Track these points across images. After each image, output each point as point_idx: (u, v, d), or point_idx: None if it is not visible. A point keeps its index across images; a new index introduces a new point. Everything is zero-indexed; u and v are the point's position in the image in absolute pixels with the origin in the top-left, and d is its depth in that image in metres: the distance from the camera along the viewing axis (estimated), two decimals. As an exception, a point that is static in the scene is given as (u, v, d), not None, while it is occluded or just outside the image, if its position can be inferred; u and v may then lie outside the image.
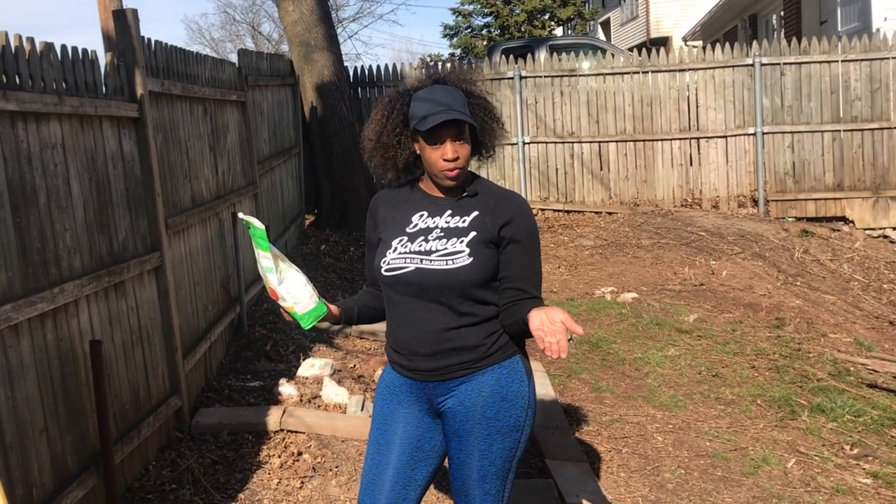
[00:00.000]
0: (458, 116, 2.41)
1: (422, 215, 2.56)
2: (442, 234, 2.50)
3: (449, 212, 2.54)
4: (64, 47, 3.70)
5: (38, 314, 3.24)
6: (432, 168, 2.49)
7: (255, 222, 2.46)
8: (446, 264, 2.45)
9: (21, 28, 3.50)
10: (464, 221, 2.51)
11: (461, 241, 2.47)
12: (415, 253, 2.49)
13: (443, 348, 2.49)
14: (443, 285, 2.45)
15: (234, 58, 7.73)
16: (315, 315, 2.50)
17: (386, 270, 2.52)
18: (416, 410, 2.60)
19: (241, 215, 2.60)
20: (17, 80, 3.27)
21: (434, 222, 2.53)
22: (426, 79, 2.58)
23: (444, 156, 2.45)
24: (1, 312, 2.97)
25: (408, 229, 2.55)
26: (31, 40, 3.40)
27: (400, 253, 2.51)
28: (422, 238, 2.51)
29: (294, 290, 2.48)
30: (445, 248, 2.47)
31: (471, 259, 2.45)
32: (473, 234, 2.48)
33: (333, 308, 2.63)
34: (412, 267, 2.48)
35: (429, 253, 2.47)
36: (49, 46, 3.55)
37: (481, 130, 2.55)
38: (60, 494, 3.31)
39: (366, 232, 2.74)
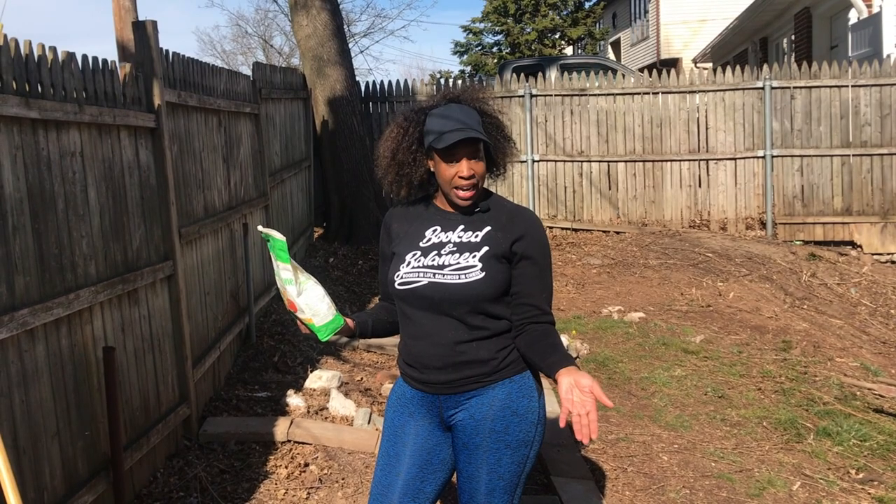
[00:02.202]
0: (474, 134, 2.45)
1: (435, 230, 2.59)
2: (455, 248, 2.53)
3: (461, 227, 2.57)
4: (84, 57, 3.75)
5: (53, 319, 3.27)
6: (447, 185, 2.53)
7: (276, 235, 2.50)
8: (458, 278, 2.48)
9: (32, 35, 3.56)
10: (476, 236, 2.54)
11: (473, 256, 2.50)
12: (428, 267, 2.52)
13: (454, 361, 2.52)
14: (455, 299, 2.48)
15: (246, 70, 7.80)
16: (332, 327, 2.53)
17: (399, 284, 2.55)
18: (427, 423, 2.62)
19: (260, 228, 2.62)
20: (39, 88, 3.32)
21: (447, 237, 2.56)
22: (440, 97, 2.62)
23: (459, 173, 2.48)
24: (18, 317, 3.01)
25: (421, 244, 2.58)
26: (53, 49, 3.45)
27: (413, 267, 2.54)
28: (435, 252, 2.54)
29: (312, 302, 2.51)
30: (458, 263, 2.50)
31: (483, 274, 2.48)
32: (486, 248, 2.51)
33: (349, 321, 2.65)
34: (425, 281, 2.51)
35: (441, 267, 2.51)
36: (70, 56, 3.60)
37: (495, 149, 2.59)
38: (71, 499, 3.33)
39: (380, 246, 2.77)
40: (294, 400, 5.19)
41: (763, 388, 6.05)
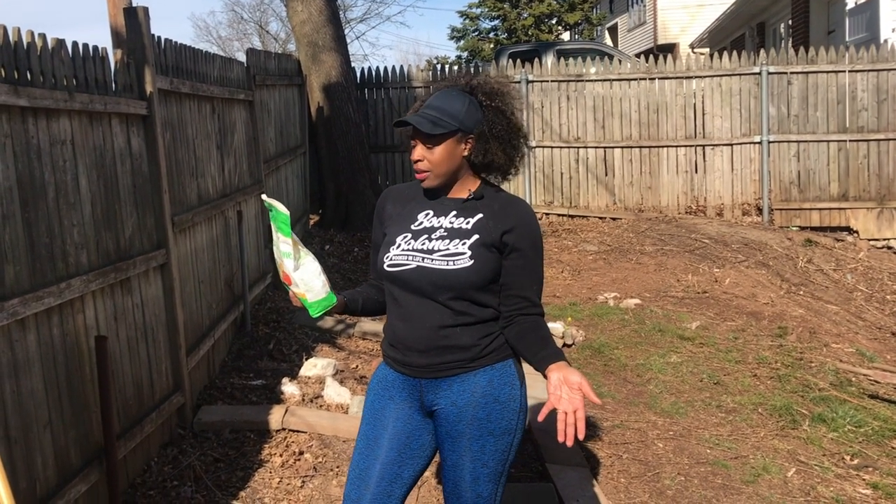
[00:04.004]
0: (412, 120, 2.48)
1: (427, 214, 2.59)
2: (445, 234, 2.52)
3: (454, 212, 2.56)
4: (75, 44, 3.72)
5: (44, 309, 3.25)
6: None
7: (280, 207, 2.47)
8: (447, 265, 2.47)
9: (27, 23, 3.53)
10: (468, 223, 2.53)
11: (463, 243, 2.49)
12: (417, 251, 2.52)
13: (437, 345, 2.51)
14: (442, 285, 2.47)
15: (241, 56, 7.75)
16: (325, 305, 2.51)
17: (388, 266, 2.55)
18: (407, 407, 2.61)
19: (264, 197, 2.57)
20: (29, 75, 3.29)
21: (439, 222, 2.56)
22: (451, 80, 2.62)
23: (412, 155, 2.51)
24: (8, 307, 2.99)
25: (413, 226, 2.58)
26: (42, 36, 3.42)
27: (403, 249, 2.54)
28: (425, 236, 2.54)
29: (308, 278, 2.49)
30: (447, 249, 2.49)
31: (471, 262, 2.47)
32: (476, 236, 2.50)
33: (339, 298, 2.65)
34: (413, 265, 2.50)
35: (430, 252, 2.50)
36: (60, 43, 3.57)
37: (485, 139, 2.54)
38: (63, 488, 3.32)
39: (373, 225, 2.76)
40: (289, 388, 5.19)
41: (759, 374, 6.05)
